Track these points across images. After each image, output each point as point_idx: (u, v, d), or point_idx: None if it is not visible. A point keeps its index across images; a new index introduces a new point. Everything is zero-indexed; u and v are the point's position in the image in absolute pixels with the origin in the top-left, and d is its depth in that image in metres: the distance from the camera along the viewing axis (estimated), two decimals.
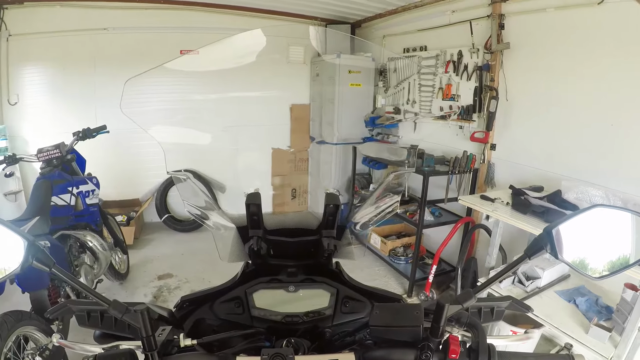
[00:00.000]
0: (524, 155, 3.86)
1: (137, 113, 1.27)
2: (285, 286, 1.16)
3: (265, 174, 5.61)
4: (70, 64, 5.32)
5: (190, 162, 2.95)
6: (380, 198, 1.36)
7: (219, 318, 1.17)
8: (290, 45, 6.17)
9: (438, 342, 0.85)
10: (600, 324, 2.60)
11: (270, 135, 6.21)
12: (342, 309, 1.17)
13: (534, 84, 3.70)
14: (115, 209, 5.47)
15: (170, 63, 1.35)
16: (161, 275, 4.64)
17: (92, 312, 1.00)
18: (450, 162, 4.28)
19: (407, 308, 0.90)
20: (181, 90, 5.08)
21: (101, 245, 3.55)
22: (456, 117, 4.52)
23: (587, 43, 3.22)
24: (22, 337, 2.58)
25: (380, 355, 0.88)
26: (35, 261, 0.80)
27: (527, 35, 3.73)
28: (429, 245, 5.13)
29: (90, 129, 3.74)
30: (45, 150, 3.46)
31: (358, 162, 5.65)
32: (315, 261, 1.21)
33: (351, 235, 1.29)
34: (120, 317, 0.83)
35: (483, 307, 1.07)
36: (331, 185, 5.45)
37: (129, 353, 0.81)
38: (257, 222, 1.17)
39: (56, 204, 3.31)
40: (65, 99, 5.40)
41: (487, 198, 3.32)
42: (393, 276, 4.80)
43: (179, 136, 1.60)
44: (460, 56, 4.41)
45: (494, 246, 3.34)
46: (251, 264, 1.21)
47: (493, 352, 0.83)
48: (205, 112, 2.44)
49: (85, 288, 0.87)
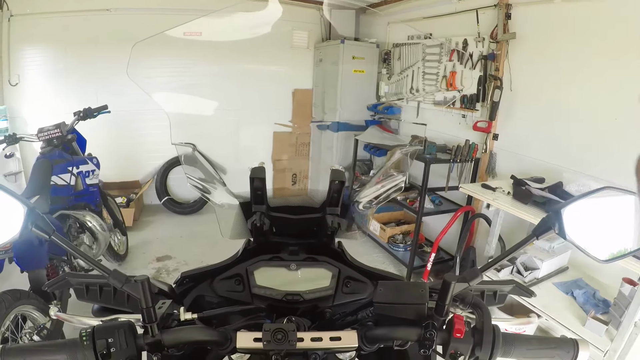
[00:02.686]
0: (526, 146, 3.84)
1: (143, 81, 1.25)
2: (287, 264, 1.15)
3: (266, 158, 5.59)
4: (72, 45, 5.27)
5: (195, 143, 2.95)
6: (385, 177, 1.35)
7: (219, 295, 1.16)
8: (294, 29, 6.12)
9: (442, 321, 0.84)
10: (598, 317, 2.61)
11: (272, 119, 6.18)
12: (344, 289, 1.16)
13: (538, 75, 3.67)
14: (115, 191, 5.47)
15: (178, 29, 1.33)
16: (160, 257, 4.65)
17: (91, 286, 1.00)
18: (452, 151, 4.26)
19: (412, 286, 0.89)
20: (186, 65, 5.09)
21: (100, 226, 3.54)
22: (459, 106, 4.50)
23: (593, 35, 3.19)
24: (20, 317, 2.58)
25: (383, 333, 0.87)
26: (35, 228, 0.79)
27: (533, 25, 3.70)
28: (428, 234, 5.14)
29: (92, 109, 3.73)
30: (45, 130, 3.44)
31: (359, 149, 5.63)
32: (318, 240, 1.20)
33: (354, 214, 1.28)
34: (120, 287, 0.82)
35: (486, 290, 1.06)
36: (335, 161, 5.41)
37: (128, 325, 0.79)
38: (261, 198, 1.15)
39: (56, 183, 3.30)
40: (67, 79, 5.37)
41: (488, 187, 3.31)
42: (391, 263, 4.81)
43: (184, 105, 1.58)
44: (465, 45, 4.38)
45: (494, 235, 3.34)
46: (253, 242, 1.20)
47: (498, 333, 0.82)
48: (209, 89, 2.43)
49: (85, 256, 0.86)
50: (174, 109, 1.37)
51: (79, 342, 0.76)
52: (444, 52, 4.70)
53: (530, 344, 0.88)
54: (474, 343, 0.82)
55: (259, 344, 0.83)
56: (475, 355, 0.83)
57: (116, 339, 0.77)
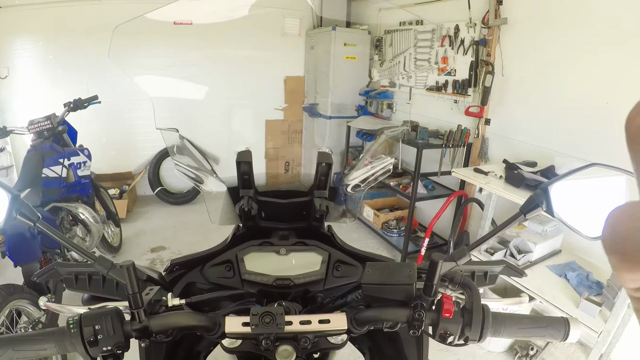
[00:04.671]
0: (518, 131, 3.84)
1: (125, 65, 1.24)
2: (277, 249, 1.15)
3: (259, 145, 5.59)
4: (62, 36, 5.21)
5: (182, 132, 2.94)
6: (373, 159, 1.34)
7: (210, 282, 1.15)
8: (285, 17, 6.08)
9: (431, 302, 0.84)
10: (591, 298, 2.63)
11: (264, 107, 6.17)
12: (334, 273, 1.16)
13: (530, 59, 3.66)
14: (108, 182, 5.44)
15: (160, 11, 1.31)
16: (154, 247, 4.64)
17: (80, 275, 0.99)
18: (445, 136, 4.26)
19: (400, 266, 0.89)
20: (175, 52, 5.05)
21: (93, 218, 3.53)
22: (451, 91, 4.49)
23: (584, 21, 3.18)
24: (14, 311, 2.58)
25: (372, 315, 0.87)
26: (19, 215, 0.79)
27: (525, 10, 3.68)
28: (421, 219, 5.16)
29: (82, 100, 3.69)
30: (36, 122, 3.42)
31: (352, 136, 5.63)
32: (308, 224, 1.20)
33: (344, 199, 1.27)
34: (105, 274, 0.82)
35: (477, 271, 1.06)
36: (324, 144, 5.40)
37: (115, 312, 0.79)
38: (249, 182, 1.14)
39: (47, 175, 3.28)
40: (57, 71, 5.32)
41: (480, 171, 3.31)
42: (385, 249, 4.83)
43: (169, 90, 1.56)
44: (457, 30, 4.36)
45: (487, 219, 3.35)
46: (242, 227, 1.19)
47: (487, 313, 0.82)
48: (199, 76, 2.41)
49: (70, 243, 0.85)
50: (159, 94, 1.35)
51: (66, 331, 0.76)
52: (435, 38, 4.67)
53: (521, 323, 0.88)
54: (464, 323, 0.82)
55: (248, 328, 0.82)
56: (465, 335, 0.83)
57: (103, 325, 0.76)
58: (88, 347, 0.76)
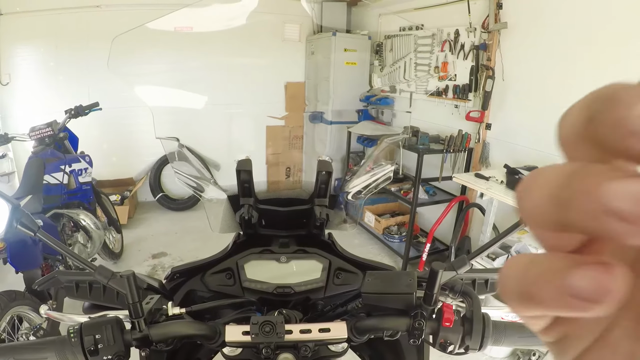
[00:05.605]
0: (519, 136, 3.84)
1: (126, 75, 1.25)
2: (277, 257, 1.15)
3: (259, 152, 5.62)
4: (63, 42, 5.22)
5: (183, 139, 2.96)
6: (373, 166, 1.34)
7: (210, 290, 1.15)
8: (285, 23, 6.09)
9: (431, 310, 0.84)
10: None
11: (264, 113, 6.17)
12: (335, 281, 1.16)
13: (531, 64, 3.66)
14: (109, 189, 5.43)
15: (159, 21, 1.32)
16: (155, 254, 4.64)
17: (81, 283, 0.99)
18: (445, 141, 4.27)
19: (400, 275, 0.89)
20: (175, 60, 5.05)
21: (94, 224, 3.53)
22: (452, 96, 4.49)
23: (585, 24, 3.18)
24: (16, 317, 2.58)
25: (373, 324, 0.87)
26: (20, 225, 0.79)
27: (525, 15, 3.68)
28: (422, 224, 5.14)
29: (83, 106, 3.71)
30: (37, 129, 3.43)
31: (353, 141, 5.63)
32: (308, 232, 1.20)
33: (344, 206, 1.27)
34: (106, 283, 0.82)
35: (477, 279, 1.06)
36: (325, 153, 5.41)
37: (115, 320, 0.79)
38: (249, 190, 1.14)
39: (49, 182, 3.29)
40: (58, 77, 5.32)
41: (481, 176, 3.31)
42: (387, 254, 4.82)
43: (170, 99, 1.56)
44: (457, 35, 4.37)
45: (488, 225, 3.35)
46: (242, 235, 1.19)
47: (488, 321, 0.82)
48: (199, 84, 2.41)
49: (70, 253, 0.86)
50: (159, 103, 1.36)
51: (67, 340, 0.76)
52: (435, 43, 4.68)
53: (522, 331, 0.88)
54: (464, 332, 0.82)
55: (248, 337, 0.83)
56: (465, 344, 0.83)
57: (103, 335, 0.76)
58: (88, 356, 0.76)
